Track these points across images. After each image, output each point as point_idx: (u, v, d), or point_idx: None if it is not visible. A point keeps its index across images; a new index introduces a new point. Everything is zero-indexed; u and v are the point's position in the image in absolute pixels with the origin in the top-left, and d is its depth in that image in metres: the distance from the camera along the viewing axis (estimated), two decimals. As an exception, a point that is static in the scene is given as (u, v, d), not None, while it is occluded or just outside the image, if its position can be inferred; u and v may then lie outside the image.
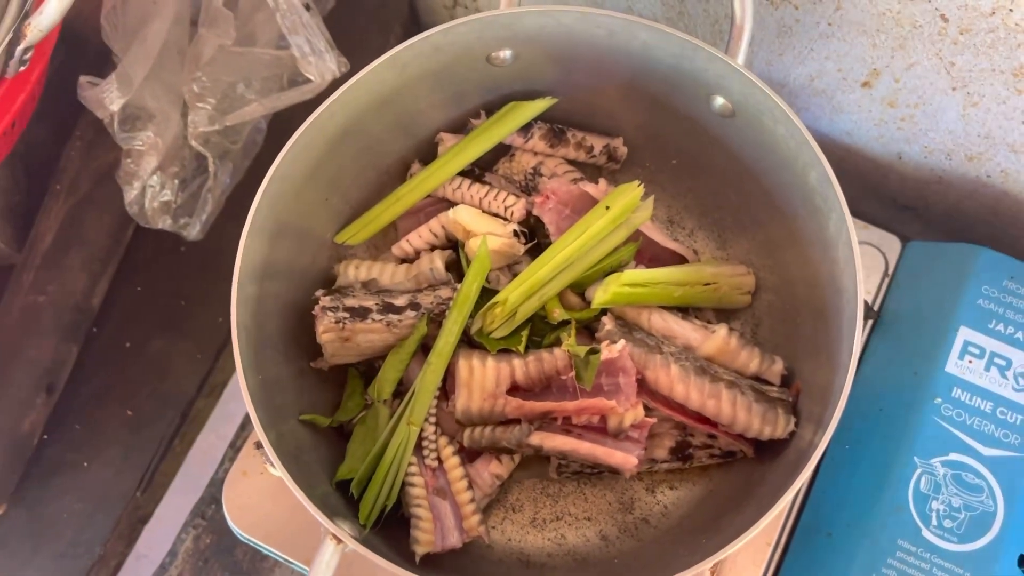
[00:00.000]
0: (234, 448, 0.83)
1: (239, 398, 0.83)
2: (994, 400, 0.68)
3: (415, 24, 0.97)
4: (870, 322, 0.74)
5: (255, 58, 0.76)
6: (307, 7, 0.73)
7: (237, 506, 0.69)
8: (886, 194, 0.83)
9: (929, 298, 0.73)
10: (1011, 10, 0.58)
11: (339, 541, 0.53)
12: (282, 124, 0.80)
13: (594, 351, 0.60)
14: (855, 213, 0.75)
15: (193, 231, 0.78)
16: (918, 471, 0.67)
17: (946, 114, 0.70)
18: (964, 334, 0.70)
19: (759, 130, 0.61)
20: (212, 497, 0.83)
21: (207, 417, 0.85)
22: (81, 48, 0.79)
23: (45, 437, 0.80)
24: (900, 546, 0.65)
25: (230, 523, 0.69)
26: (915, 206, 0.82)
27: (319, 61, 0.73)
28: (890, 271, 0.75)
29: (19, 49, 0.60)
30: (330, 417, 0.66)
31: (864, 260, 0.74)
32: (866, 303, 0.73)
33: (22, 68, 0.61)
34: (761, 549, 0.68)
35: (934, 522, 0.65)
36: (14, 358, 0.78)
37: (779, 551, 0.69)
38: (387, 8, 0.94)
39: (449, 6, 0.94)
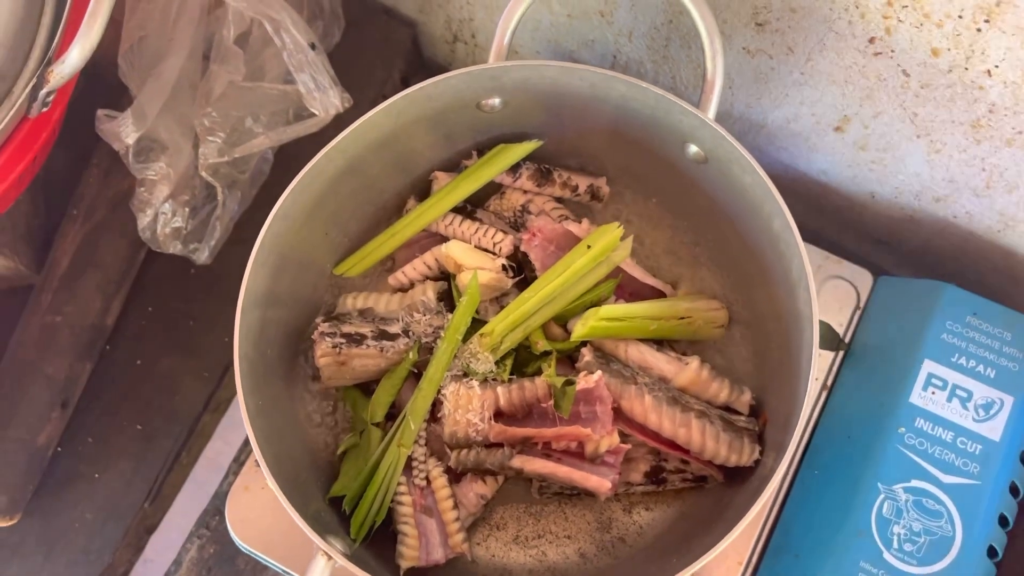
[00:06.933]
0: (238, 462, 0.86)
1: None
2: (955, 430, 0.71)
3: (418, 58, 1.01)
4: (841, 353, 0.77)
5: (263, 93, 0.79)
6: (312, 46, 0.77)
7: (239, 519, 0.73)
8: (862, 229, 0.86)
9: (897, 331, 0.76)
10: (966, 68, 0.61)
11: (330, 557, 0.58)
12: (288, 154, 0.83)
13: (570, 382, 0.64)
14: (833, 246, 0.79)
15: (202, 256, 0.81)
16: (881, 496, 0.70)
17: (912, 159, 0.73)
18: (928, 367, 0.73)
19: (729, 177, 0.65)
20: (216, 509, 0.86)
21: (212, 432, 0.88)
22: (99, 80, 0.83)
23: (59, 450, 0.83)
24: (863, 568, 0.68)
25: (232, 535, 0.73)
26: (889, 241, 0.86)
27: (323, 97, 0.77)
28: (861, 304, 0.79)
29: (42, 93, 0.63)
30: (335, 439, 0.70)
31: (837, 294, 0.78)
32: (837, 335, 0.77)
33: (44, 109, 0.64)
34: (732, 568, 0.72)
35: (895, 545, 0.69)
36: (32, 374, 0.81)
37: (750, 570, 0.72)
38: (391, 43, 0.96)
39: (450, 40, 0.97)
